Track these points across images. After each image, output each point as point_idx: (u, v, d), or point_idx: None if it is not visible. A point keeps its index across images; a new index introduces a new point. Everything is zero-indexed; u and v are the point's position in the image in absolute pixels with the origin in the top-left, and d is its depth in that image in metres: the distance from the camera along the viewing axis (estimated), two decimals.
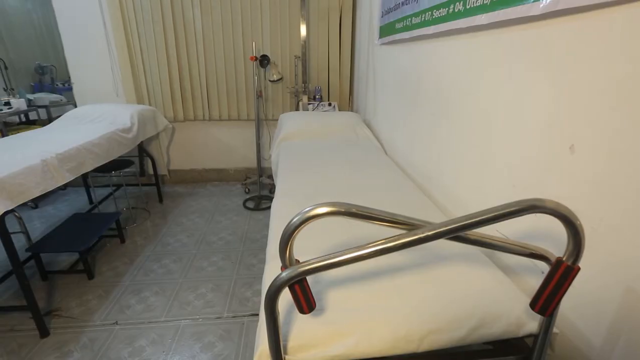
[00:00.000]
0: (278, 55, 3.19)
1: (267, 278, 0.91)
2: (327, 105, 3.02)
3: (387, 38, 2.06)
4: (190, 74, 3.20)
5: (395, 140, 2.10)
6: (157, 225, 2.78)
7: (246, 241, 2.52)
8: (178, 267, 2.22)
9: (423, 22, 1.39)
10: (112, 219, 2.38)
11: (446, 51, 1.36)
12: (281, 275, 0.58)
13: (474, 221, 0.56)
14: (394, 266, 0.94)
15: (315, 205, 0.59)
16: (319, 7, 3.08)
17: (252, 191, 3.41)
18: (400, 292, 0.84)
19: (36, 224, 2.82)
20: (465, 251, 1.01)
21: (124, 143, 2.54)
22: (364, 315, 0.77)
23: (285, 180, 1.62)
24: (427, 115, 1.59)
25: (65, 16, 3.03)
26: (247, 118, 3.41)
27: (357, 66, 3.20)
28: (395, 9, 1.79)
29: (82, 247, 2.04)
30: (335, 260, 0.57)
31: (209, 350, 1.60)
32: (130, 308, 1.86)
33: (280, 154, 2.07)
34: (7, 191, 1.50)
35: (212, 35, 3.10)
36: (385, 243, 0.57)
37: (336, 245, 1.05)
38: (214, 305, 1.87)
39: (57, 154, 1.85)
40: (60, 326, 1.74)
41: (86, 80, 3.23)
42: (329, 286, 0.85)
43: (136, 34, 3.03)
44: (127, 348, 1.61)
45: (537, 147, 0.90)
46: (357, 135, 2.43)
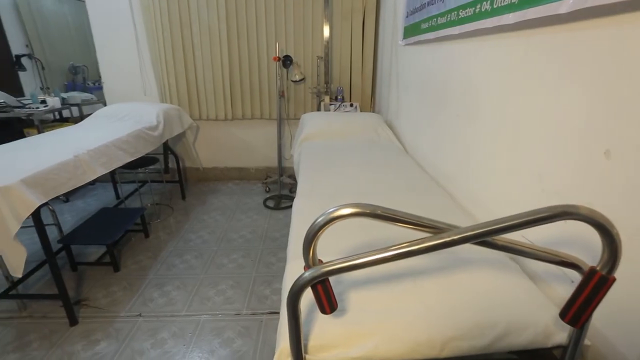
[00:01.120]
0: (301, 56, 3.21)
1: (288, 277, 0.92)
2: (348, 105, 3.01)
3: (411, 39, 2.03)
4: (214, 75, 3.27)
5: (418, 141, 2.07)
6: (179, 221, 2.85)
7: (266, 240, 2.55)
8: (199, 263, 2.27)
9: (449, 22, 1.37)
10: (138, 214, 2.45)
11: (473, 52, 1.33)
12: (304, 275, 0.59)
13: (502, 226, 0.54)
14: (416, 269, 0.93)
15: (339, 206, 0.59)
16: (342, 8, 3.08)
17: (273, 190, 3.44)
18: (422, 296, 0.83)
19: (67, 217, 2.94)
20: (489, 256, 0.99)
21: (150, 141, 2.62)
22: (384, 318, 0.76)
23: (307, 180, 1.62)
24: (452, 117, 1.56)
25: (97, 19, 3.16)
26: (269, 118, 3.44)
27: (379, 67, 3.18)
28: (421, 9, 1.76)
29: (109, 240, 2.11)
30: (358, 262, 0.57)
31: (227, 346, 1.62)
32: (153, 301, 1.91)
33: (301, 154, 2.09)
34: (42, 185, 1.58)
35: (236, 36, 3.15)
36: (410, 246, 0.56)
37: (356, 246, 1.04)
38: (233, 302, 1.90)
39: (88, 150, 1.93)
40: (88, 315, 1.81)
41: (115, 79, 3.36)
42: (350, 287, 0.85)
43: (162, 36, 3.11)
44: (150, 340, 1.66)
45: (569, 151, 0.86)
46: (379, 136, 2.41)
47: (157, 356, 1.57)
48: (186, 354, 1.58)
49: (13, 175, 1.48)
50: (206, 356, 1.57)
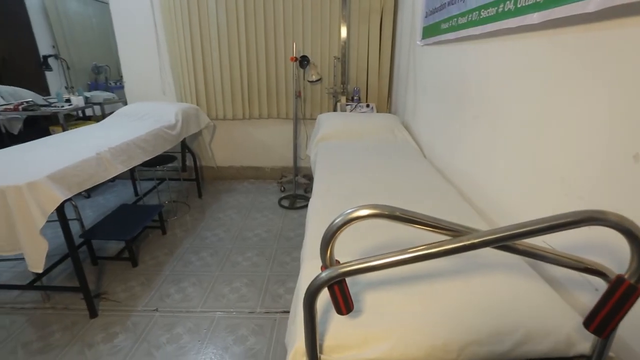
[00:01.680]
0: (318, 56, 3.22)
1: (304, 277, 0.92)
2: (365, 106, 3.00)
3: (430, 39, 2.01)
4: (232, 75, 3.31)
5: (435, 143, 2.05)
6: (196, 219, 2.89)
7: (280, 239, 2.56)
8: (214, 260, 2.30)
9: (470, 22, 1.34)
10: (156, 211, 2.50)
11: (494, 52, 1.30)
12: (321, 275, 0.59)
13: (524, 230, 0.53)
14: (432, 271, 0.92)
15: (357, 207, 0.58)
16: (359, 8, 3.07)
17: (288, 190, 3.46)
18: (438, 299, 0.82)
19: (88, 212, 3.03)
20: (506, 260, 0.97)
21: (169, 139, 2.67)
22: (400, 321, 0.76)
23: (323, 180, 1.62)
24: (471, 119, 1.54)
25: (120, 20, 3.24)
26: (285, 117, 3.46)
27: (396, 67, 3.16)
28: (441, 9, 1.74)
29: (128, 236, 2.16)
30: (376, 263, 0.56)
31: (241, 343, 1.64)
32: (170, 297, 1.95)
33: (318, 154, 2.09)
34: (66, 181, 1.63)
35: (254, 36, 3.19)
36: (429, 249, 0.55)
37: (371, 247, 1.04)
38: (247, 300, 1.92)
39: (109, 148, 1.98)
40: (107, 309, 1.86)
41: (136, 79, 3.44)
42: (366, 288, 0.85)
43: (182, 37, 3.17)
44: (166, 334, 1.69)
45: (595, 154, 0.84)
46: (396, 137, 2.39)
47: (173, 351, 1.60)
48: (201, 349, 1.60)
49: (40, 171, 1.54)
50: (220, 353, 1.59)
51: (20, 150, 1.90)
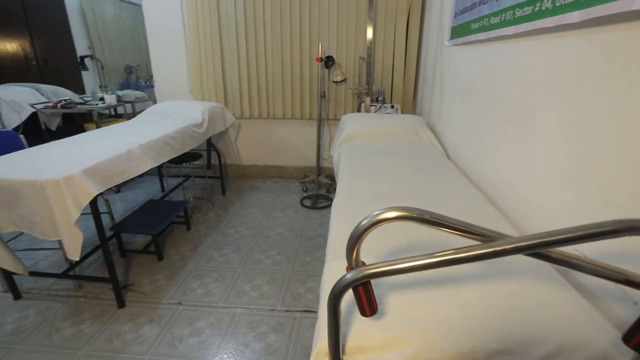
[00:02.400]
0: (343, 57, 3.21)
1: (328, 277, 0.92)
2: (389, 107, 2.97)
3: (459, 39, 1.97)
4: (258, 74, 3.35)
5: (462, 145, 2.00)
6: (219, 216, 2.95)
7: (302, 238, 2.58)
8: (237, 257, 2.34)
9: (503, 22, 1.30)
10: (181, 207, 2.57)
11: (527, 52, 1.26)
12: (346, 276, 0.58)
13: (560, 238, 0.51)
14: (458, 275, 0.89)
15: (385, 209, 0.58)
16: (386, 8, 3.04)
17: (310, 190, 3.47)
18: (464, 304, 0.80)
19: (118, 206, 3.15)
20: (536, 268, 0.93)
21: (195, 137, 2.73)
22: (425, 325, 0.74)
23: (346, 181, 1.62)
24: (500, 121, 1.49)
25: (152, 23, 3.36)
26: (309, 118, 3.48)
27: (422, 68, 3.11)
28: (472, 9, 1.70)
29: (155, 230, 2.23)
30: (403, 266, 0.55)
31: (261, 340, 1.66)
32: (193, 291, 2.00)
33: (341, 155, 2.09)
34: (100, 176, 1.70)
35: (279, 37, 3.22)
36: (458, 253, 0.54)
37: (395, 249, 1.03)
38: (268, 298, 1.94)
39: (140, 145, 2.05)
40: (134, 300, 1.93)
41: (165, 79, 3.55)
42: (390, 290, 0.84)
43: (209, 38, 3.24)
44: (189, 328, 1.73)
45: (637, 160, 0.79)
46: (420, 139, 2.35)
47: (195, 344, 1.63)
48: (222, 344, 1.64)
49: (75, 166, 1.61)
50: (241, 348, 1.61)
51: (58, 146, 2.00)
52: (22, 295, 1.96)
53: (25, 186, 1.51)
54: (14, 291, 1.93)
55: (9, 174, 1.54)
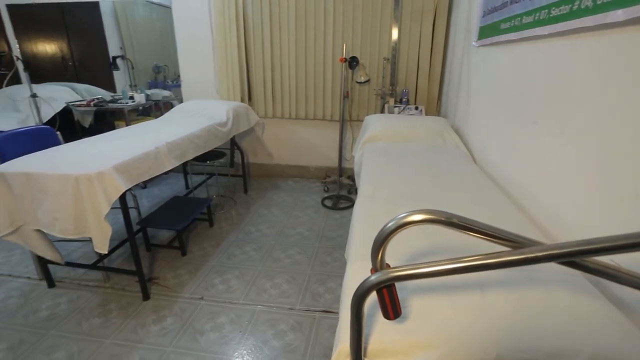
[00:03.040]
0: (367, 57, 3.20)
1: (350, 278, 0.92)
2: (413, 108, 2.93)
3: (487, 39, 1.92)
4: (281, 74, 3.38)
5: (488, 148, 1.95)
6: (241, 214, 3.00)
7: (322, 238, 2.58)
8: (258, 255, 2.37)
9: (537, 21, 1.26)
10: (205, 204, 2.62)
11: (561, 53, 1.21)
12: (370, 278, 0.58)
13: (597, 247, 0.49)
14: (484, 281, 0.87)
15: (411, 211, 0.57)
16: (412, 8, 3.00)
17: (331, 190, 3.48)
18: (490, 311, 0.78)
19: (144, 201, 3.25)
20: (565, 276, 0.90)
21: (220, 136, 2.79)
22: (449, 330, 0.73)
23: (369, 182, 1.61)
24: (530, 124, 1.44)
25: (181, 24, 3.45)
26: (331, 118, 3.48)
27: (448, 69, 3.05)
28: (502, 8, 1.65)
29: (179, 226, 2.29)
30: (429, 270, 0.55)
31: (280, 338, 1.67)
32: (214, 287, 2.04)
33: (364, 155, 2.07)
34: (129, 172, 1.76)
35: (304, 38, 3.24)
36: (487, 259, 0.53)
37: (417, 252, 1.01)
38: (288, 296, 1.95)
39: (167, 143, 2.11)
40: (158, 293, 1.99)
41: (192, 78, 3.64)
42: (413, 293, 0.82)
43: (235, 39, 3.30)
44: (210, 323, 1.77)
45: None
46: (445, 141, 2.31)
47: (216, 339, 1.67)
48: (241, 340, 1.66)
49: (107, 162, 1.67)
50: (260, 345, 1.63)
51: (90, 143, 2.08)
52: (56, 284, 2.06)
53: (60, 181, 1.58)
54: (49, 280, 2.03)
55: (46, 169, 1.62)
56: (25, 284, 2.07)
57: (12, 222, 1.73)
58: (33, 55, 4.01)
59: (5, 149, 1.90)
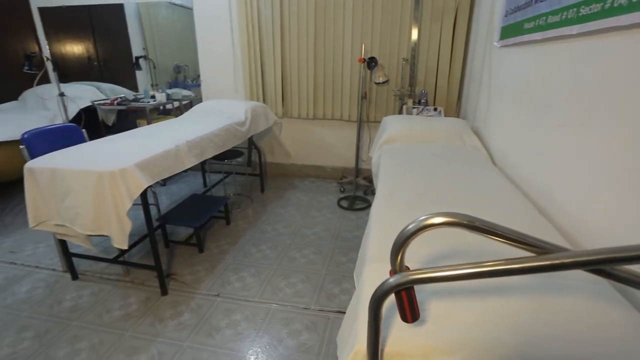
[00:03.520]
0: (385, 58, 3.18)
1: (367, 280, 0.91)
2: (432, 110, 2.89)
3: (510, 39, 1.88)
4: (299, 75, 3.40)
5: (509, 151, 1.90)
6: (257, 212, 3.03)
7: (338, 239, 2.58)
8: (273, 254, 2.38)
9: (564, 20, 1.22)
10: (222, 202, 2.66)
11: (590, 53, 1.17)
12: (389, 280, 0.58)
13: (631, 255, 0.47)
14: (504, 286, 0.85)
15: (432, 214, 0.56)
16: (432, 8, 2.96)
17: (347, 191, 3.47)
18: (511, 319, 0.76)
19: (163, 198, 3.32)
20: (591, 285, 0.87)
21: (238, 135, 2.82)
22: (469, 336, 0.71)
23: (387, 183, 1.60)
24: (554, 127, 1.40)
25: (202, 25, 3.52)
26: (348, 119, 3.47)
27: (468, 70, 2.99)
28: (526, 7, 1.61)
29: (197, 223, 2.33)
30: (450, 274, 0.54)
31: (294, 337, 1.68)
32: (231, 284, 2.06)
33: (381, 157, 2.06)
34: (150, 170, 1.80)
35: (323, 38, 3.24)
36: (510, 264, 0.52)
37: (435, 254, 0.99)
38: (302, 296, 1.96)
39: (187, 141, 2.15)
40: (175, 288, 2.03)
41: (212, 78, 3.70)
42: (431, 296, 0.81)
43: (256, 39, 3.34)
44: (225, 319, 1.79)
45: None
46: (464, 143, 2.27)
47: (231, 336, 1.69)
48: (256, 338, 1.67)
49: (129, 159, 1.72)
50: (275, 344, 1.64)
51: (114, 140, 2.14)
52: (79, 276, 2.13)
53: (84, 177, 1.63)
54: (72, 272, 2.10)
55: (72, 165, 1.68)
56: (50, 275, 2.15)
57: (37, 217, 1.80)
58: (61, 55, 4.16)
59: (34, 145, 1.98)
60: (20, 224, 2.80)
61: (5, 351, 1.60)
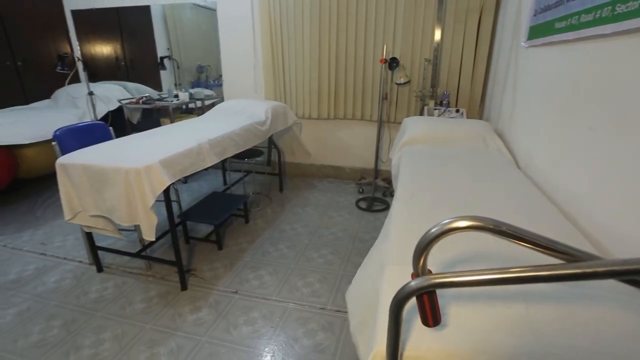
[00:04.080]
0: (407, 58, 3.14)
1: (386, 282, 0.90)
2: (454, 111, 2.84)
3: (538, 40, 1.82)
4: (320, 75, 3.40)
5: (534, 155, 1.85)
6: (276, 212, 3.05)
7: (355, 240, 2.57)
8: (291, 253, 2.39)
9: (597, 19, 1.17)
10: (241, 201, 2.69)
11: (625, 53, 1.12)
12: (411, 283, 0.57)
13: None
14: (528, 293, 0.82)
15: (456, 217, 0.55)
16: (456, 8, 2.91)
17: (366, 192, 3.45)
18: (536, 327, 0.73)
19: (184, 196, 3.40)
20: (622, 296, 0.83)
21: (258, 135, 2.84)
22: (491, 343, 0.70)
23: (407, 185, 1.58)
24: (584, 130, 1.35)
25: (225, 26, 3.59)
26: (369, 119, 3.45)
27: (493, 71, 2.92)
28: (556, 6, 1.56)
29: (217, 221, 2.37)
30: (474, 279, 0.53)
31: (310, 337, 1.68)
32: (248, 282, 2.08)
33: (402, 158, 2.04)
34: (172, 167, 1.84)
35: (345, 39, 3.23)
36: (539, 270, 0.50)
37: (455, 258, 0.97)
38: (319, 296, 1.96)
39: (208, 140, 2.18)
40: (195, 284, 2.06)
41: (233, 78, 3.75)
42: (452, 300, 0.80)
43: (278, 39, 3.37)
44: (243, 316, 1.81)
45: None
46: (487, 146, 2.22)
47: (248, 333, 1.70)
48: (273, 336, 1.69)
49: (153, 157, 1.76)
50: (291, 342, 1.65)
51: (139, 138, 2.21)
52: (104, 269, 2.20)
53: (112, 172, 1.69)
54: (98, 265, 2.18)
55: (101, 161, 1.74)
56: (77, 267, 2.24)
57: (72, 209, 1.88)
58: (91, 56, 4.32)
59: (65, 141, 2.06)
60: (50, 217, 2.92)
61: (35, 337, 1.68)
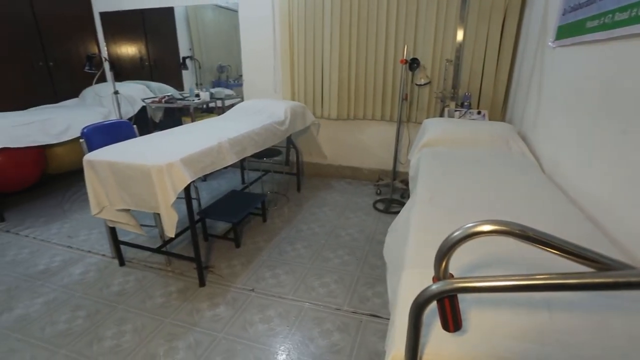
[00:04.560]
0: (428, 59, 3.09)
1: (405, 285, 0.89)
2: (475, 113, 2.78)
3: (568, 39, 1.76)
4: (340, 76, 3.39)
5: (560, 158, 1.79)
6: (293, 211, 3.06)
7: (372, 241, 2.55)
8: (308, 253, 2.40)
9: (632, 18, 1.13)
10: (259, 199, 2.72)
11: None
12: (432, 287, 0.56)
13: None
14: (552, 299, 0.80)
15: (480, 221, 0.54)
16: (480, 7, 2.85)
17: (384, 193, 3.42)
18: (560, 336, 0.71)
19: (204, 194, 3.46)
20: None
21: (277, 134, 2.86)
22: (512, 350, 0.68)
23: (426, 188, 1.56)
24: (615, 133, 1.30)
25: (246, 26, 3.63)
26: (389, 120, 3.42)
27: (517, 71, 2.85)
28: (588, 4, 1.51)
29: (235, 219, 2.39)
30: (499, 284, 0.51)
31: (326, 337, 1.68)
32: (265, 280, 2.10)
33: (421, 160, 2.01)
34: (193, 165, 1.88)
35: (365, 40, 3.22)
36: (568, 278, 0.48)
37: (475, 263, 0.95)
38: (335, 297, 1.96)
39: (228, 139, 2.21)
40: (213, 281, 2.10)
41: (253, 78, 3.79)
42: (473, 305, 0.78)
43: (297, 39, 3.38)
44: (259, 314, 1.83)
45: None
46: (510, 149, 2.16)
47: (264, 331, 1.72)
48: (288, 335, 1.69)
49: (175, 155, 1.80)
50: (306, 342, 1.65)
51: (161, 136, 2.26)
52: (125, 263, 2.26)
53: (137, 169, 1.74)
54: (120, 259, 2.24)
55: (127, 159, 1.79)
56: (101, 260, 2.31)
57: (99, 203, 1.94)
58: (117, 56, 4.45)
59: (92, 139, 2.13)
60: (76, 210, 3.03)
61: (62, 327, 1.74)
